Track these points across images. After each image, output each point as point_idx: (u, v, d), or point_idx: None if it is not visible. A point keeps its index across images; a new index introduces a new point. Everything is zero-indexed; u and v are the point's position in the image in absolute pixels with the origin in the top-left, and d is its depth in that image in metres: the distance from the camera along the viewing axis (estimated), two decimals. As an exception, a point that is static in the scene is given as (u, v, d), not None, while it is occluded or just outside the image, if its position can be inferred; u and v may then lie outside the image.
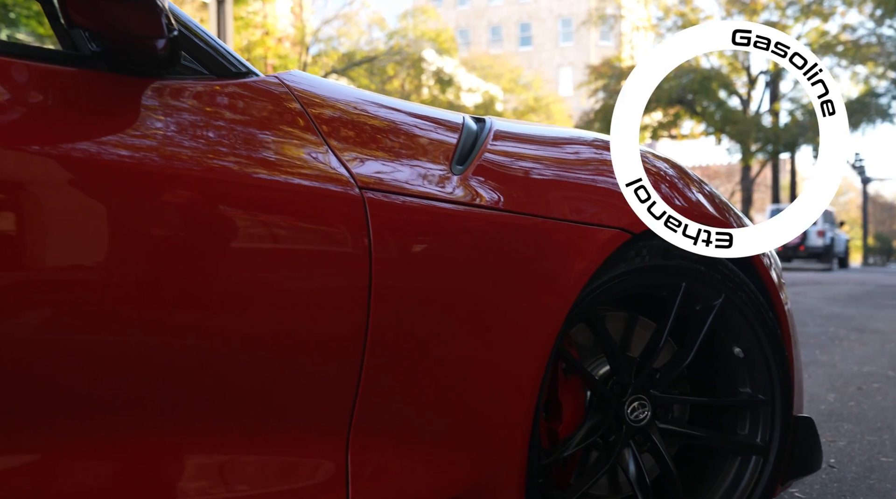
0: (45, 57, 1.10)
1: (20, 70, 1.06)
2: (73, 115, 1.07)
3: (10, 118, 1.03)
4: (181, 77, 1.18)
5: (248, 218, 1.15)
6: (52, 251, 1.02)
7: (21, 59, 1.07)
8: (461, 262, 1.31)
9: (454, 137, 1.44)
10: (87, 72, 1.10)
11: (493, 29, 48.80)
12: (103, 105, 1.10)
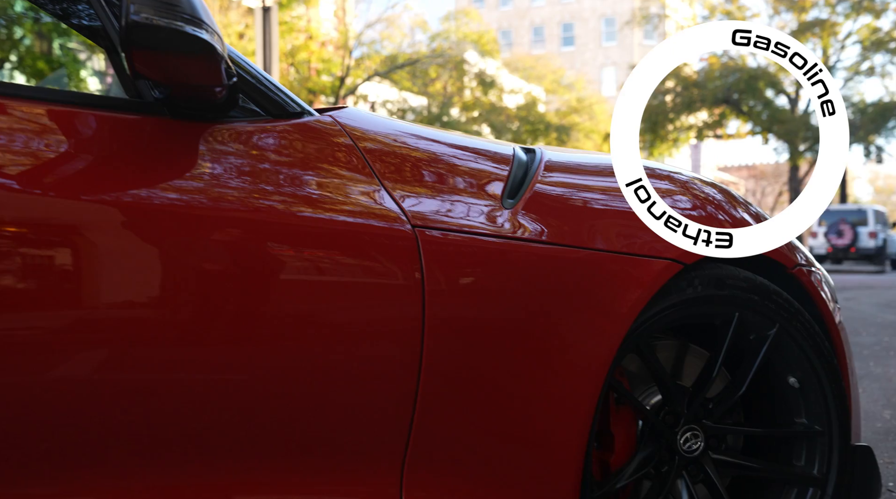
0: (110, 105, 1.14)
1: (87, 119, 1.09)
2: (138, 162, 1.10)
3: (78, 167, 1.06)
4: (239, 119, 1.20)
5: (305, 256, 1.17)
6: (117, 293, 1.05)
7: (88, 109, 1.10)
8: (512, 294, 1.32)
9: (505, 169, 1.44)
10: (150, 118, 1.13)
11: (536, 29, 48.62)
12: (166, 150, 1.13)
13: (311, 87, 21.17)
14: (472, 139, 1.56)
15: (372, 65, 22.43)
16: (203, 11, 1.06)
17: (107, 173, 1.07)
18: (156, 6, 1.02)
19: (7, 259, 0.99)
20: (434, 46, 24.53)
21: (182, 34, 1.03)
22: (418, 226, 1.24)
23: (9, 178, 1.00)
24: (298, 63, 20.78)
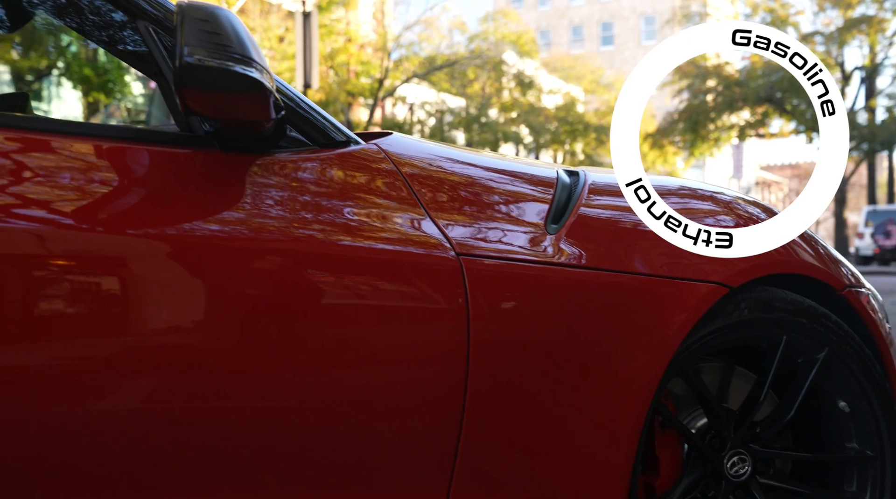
0: (162, 140, 1.16)
1: (140, 155, 1.12)
2: (189, 194, 1.13)
3: (131, 201, 1.09)
4: (286, 150, 1.22)
5: (352, 284, 1.19)
6: (167, 323, 1.07)
7: (140, 144, 1.13)
8: (556, 319, 1.32)
9: (548, 193, 1.44)
10: (200, 152, 1.16)
11: (575, 29, 48.34)
12: (216, 183, 1.15)
13: (349, 90, 21.29)
14: (516, 163, 1.56)
15: (410, 66, 22.49)
16: (253, 49, 1.08)
17: (158, 206, 1.10)
18: (208, 47, 1.04)
19: (57, 291, 1.01)
20: (472, 47, 24.52)
21: (233, 74, 1.05)
22: (463, 254, 1.25)
23: (58, 213, 1.03)
24: (337, 66, 20.91)
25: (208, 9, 1.07)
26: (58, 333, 1.00)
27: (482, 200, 1.36)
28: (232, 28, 1.07)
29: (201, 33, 1.04)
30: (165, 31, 1.18)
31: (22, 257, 0.99)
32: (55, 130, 1.11)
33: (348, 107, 22.19)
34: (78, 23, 1.31)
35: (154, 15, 1.19)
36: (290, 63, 19.19)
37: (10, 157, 1.04)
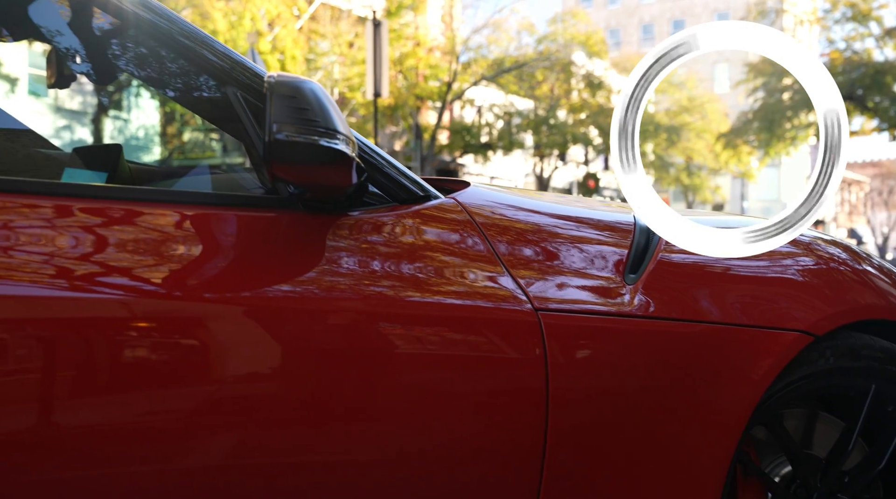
0: (247, 203, 1.21)
1: (225, 220, 1.16)
2: (275, 256, 1.16)
3: (216, 266, 1.13)
4: (367, 208, 1.25)
5: (430, 338, 1.21)
6: (251, 379, 1.11)
7: (225, 209, 1.17)
8: (635, 368, 1.32)
9: (626, 241, 1.43)
10: (285, 214, 1.19)
11: (645, 27, 47.60)
12: (300, 244, 1.18)
13: (418, 94, 21.42)
14: (594, 209, 1.56)
15: (479, 69, 22.49)
16: (338, 121, 1.11)
17: (243, 270, 1.14)
18: (296, 123, 1.08)
19: (140, 355, 1.05)
20: (541, 49, 24.38)
21: (320, 148, 1.09)
22: (540, 309, 1.26)
23: (141, 280, 1.07)
24: (406, 70, 21.06)
25: (295, 83, 1.11)
26: (142, 395, 1.05)
27: (559, 252, 1.36)
28: (317, 101, 1.11)
29: (289, 109, 1.08)
30: (253, 96, 1.22)
31: (106, 323, 1.03)
32: (142, 199, 1.16)
33: (417, 110, 22.34)
34: (166, 85, 1.36)
35: (243, 81, 1.23)
36: (360, 68, 19.42)
37: (96, 228, 1.09)
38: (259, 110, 1.21)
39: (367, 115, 20.03)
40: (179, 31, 1.21)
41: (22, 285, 1.00)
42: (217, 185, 1.40)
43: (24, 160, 1.58)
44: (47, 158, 1.64)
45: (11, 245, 1.01)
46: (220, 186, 1.39)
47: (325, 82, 20.45)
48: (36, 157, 1.63)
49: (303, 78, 1.13)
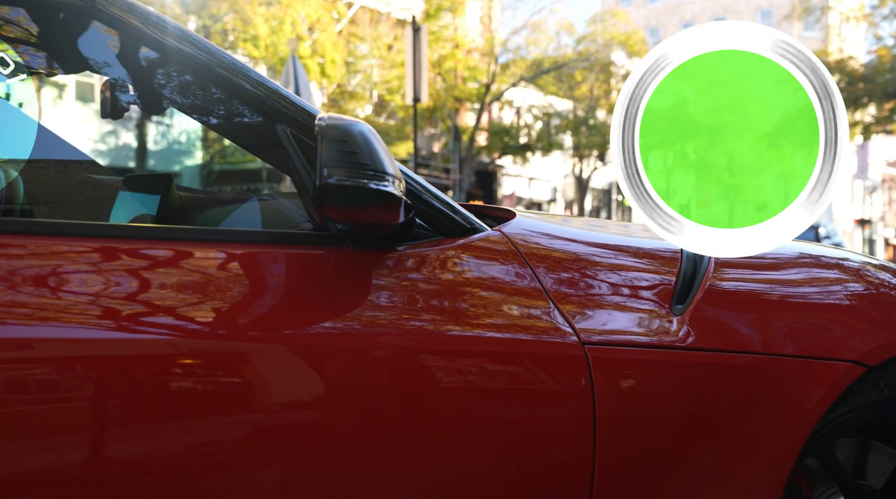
0: (296, 240, 1.23)
1: (274, 257, 1.18)
2: (323, 292, 1.18)
3: (267, 305, 1.14)
4: (414, 243, 1.26)
5: (477, 371, 1.22)
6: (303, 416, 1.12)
7: (274, 246, 1.20)
8: (684, 400, 1.31)
9: (673, 270, 1.42)
10: (333, 251, 1.21)
11: (686, 25, 46.99)
12: (348, 280, 1.20)
13: (457, 96, 21.45)
14: (641, 237, 1.54)
15: (517, 70, 22.45)
16: (387, 162, 1.13)
17: (290, 307, 1.15)
18: (346, 167, 1.09)
19: (187, 392, 1.07)
20: (580, 49, 24.24)
21: (369, 191, 1.10)
22: (587, 343, 1.25)
23: (187, 319, 1.08)
24: (445, 72, 21.10)
25: (345, 127, 1.12)
26: (188, 431, 1.07)
27: (606, 283, 1.36)
28: (366, 144, 1.12)
29: (339, 153, 1.10)
30: (302, 134, 1.24)
31: (153, 361, 1.05)
32: (193, 239, 1.19)
33: (455, 112, 22.37)
34: (216, 121, 1.38)
35: (294, 119, 1.24)
36: (399, 71, 19.50)
37: (144, 269, 1.11)
38: (306, 145, 1.23)
39: (406, 117, 20.11)
40: (232, 70, 1.25)
41: (72, 327, 1.03)
42: (267, 217, 1.42)
43: (78, 186, 1.62)
44: (100, 184, 1.68)
45: (61, 287, 1.04)
46: (270, 219, 1.41)
47: (364, 85, 20.59)
48: (89, 183, 1.67)
49: (352, 120, 1.14)
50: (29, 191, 1.44)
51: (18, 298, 1.01)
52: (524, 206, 30.48)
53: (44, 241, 1.08)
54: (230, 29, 15.01)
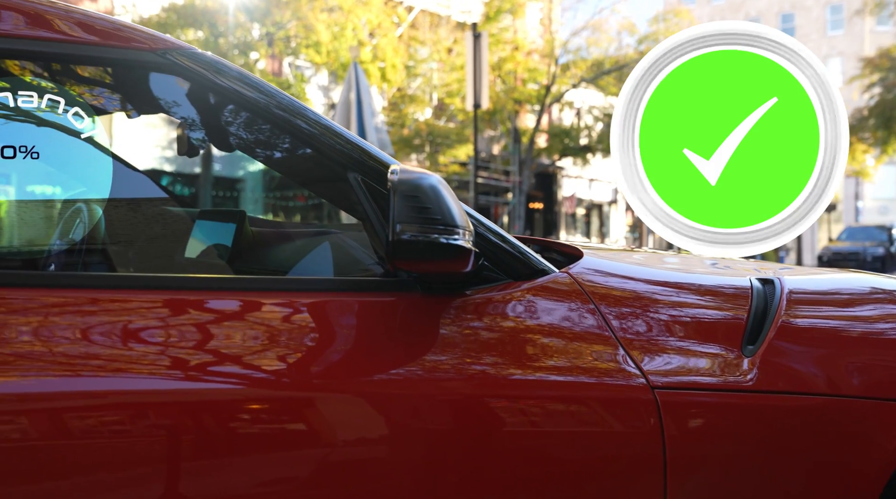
0: (365, 288, 1.26)
1: (346, 306, 1.21)
2: (392, 339, 1.20)
3: (336, 353, 1.18)
4: (482, 287, 1.28)
5: (548, 414, 1.22)
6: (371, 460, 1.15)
7: (343, 294, 1.23)
8: (758, 442, 1.30)
9: (743, 309, 1.40)
10: (403, 298, 1.23)
11: (751, 22, 45.97)
12: (416, 327, 1.22)
13: (516, 98, 21.39)
14: (710, 274, 1.53)
15: (578, 71, 22.26)
16: (457, 214, 1.15)
17: (360, 354, 1.18)
18: (418, 222, 1.12)
19: (253, 438, 1.10)
20: (642, 49, 23.92)
21: (441, 245, 1.13)
22: (657, 387, 1.25)
23: (253, 368, 1.12)
24: (504, 74, 21.07)
25: (415, 182, 1.15)
26: (256, 478, 1.10)
27: (676, 324, 1.35)
28: (437, 198, 1.15)
29: (411, 209, 1.13)
30: (374, 181, 1.27)
31: (221, 408, 1.09)
32: (261, 288, 1.22)
33: (515, 114, 22.31)
34: (287, 168, 1.41)
35: (365, 167, 1.28)
36: (459, 74, 19.54)
37: (207, 323, 1.15)
38: (376, 192, 1.26)
39: (466, 120, 20.13)
40: (302, 117, 1.29)
41: (147, 378, 1.07)
42: (338, 257, 1.45)
43: (155, 221, 1.68)
44: (175, 218, 1.74)
45: (135, 339, 1.09)
46: (340, 259, 1.44)
47: (423, 88, 20.69)
48: (165, 216, 1.73)
49: (422, 173, 1.17)
50: (110, 228, 1.50)
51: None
52: (584, 207, 30.23)
53: (120, 294, 1.13)
54: (293, 35, 15.24)
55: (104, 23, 1.25)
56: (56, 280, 1.17)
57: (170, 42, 1.27)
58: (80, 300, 1.10)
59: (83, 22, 1.22)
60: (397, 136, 19.21)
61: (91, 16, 1.24)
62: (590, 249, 1.68)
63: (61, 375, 1.04)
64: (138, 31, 1.27)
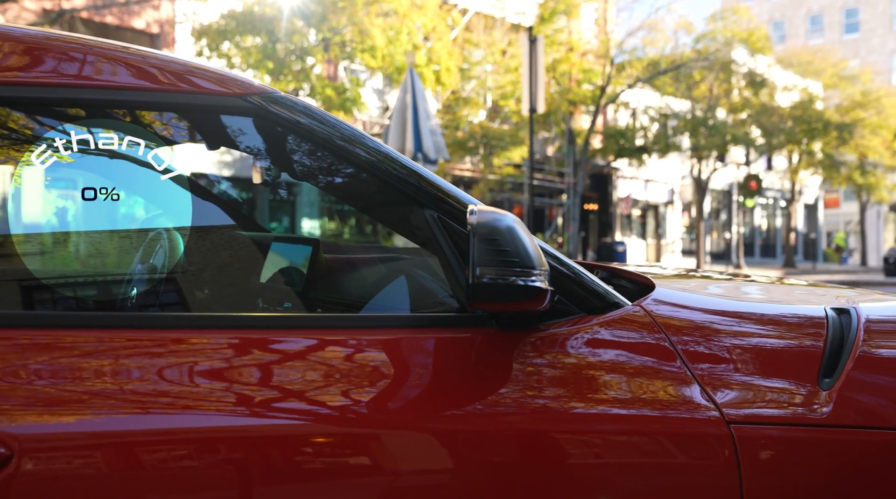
0: (441, 324, 1.28)
1: (421, 343, 1.23)
2: (465, 377, 1.22)
3: (410, 390, 1.19)
4: (556, 322, 1.29)
5: (620, 448, 1.22)
6: None
7: (420, 332, 1.25)
8: (834, 477, 1.28)
9: (819, 340, 1.38)
10: (478, 334, 1.25)
11: (813, 18, 44.82)
12: (491, 362, 1.24)
13: (571, 99, 21.27)
14: (784, 304, 1.51)
15: (633, 72, 22.03)
16: (534, 255, 1.17)
17: (434, 390, 1.20)
18: (497, 266, 1.14)
19: (322, 476, 1.12)
20: (699, 48, 23.56)
21: (520, 288, 1.15)
22: (732, 422, 1.24)
23: (318, 404, 1.13)
24: (559, 76, 20.96)
25: (493, 225, 1.17)
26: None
27: (750, 357, 1.34)
28: (515, 241, 1.17)
29: (490, 252, 1.15)
30: (450, 218, 1.29)
31: (284, 441, 1.11)
32: (337, 326, 1.25)
33: (569, 116, 22.18)
34: (362, 203, 1.43)
35: (443, 206, 1.30)
36: (513, 76, 19.51)
37: (271, 364, 1.17)
38: (452, 229, 1.29)
39: (520, 122, 20.10)
40: (389, 160, 1.32)
41: (219, 415, 1.10)
42: (414, 293, 1.47)
43: (230, 246, 1.73)
44: (250, 243, 1.79)
45: (206, 377, 1.12)
46: (416, 296, 1.47)
47: (478, 90, 20.70)
48: (239, 242, 1.78)
49: (500, 215, 1.19)
50: (188, 254, 1.55)
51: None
52: (640, 208, 29.88)
53: (194, 334, 1.16)
54: (348, 40, 15.40)
55: (200, 71, 1.31)
56: (128, 321, 1.20)
57: (255, 87, 1.32)
58: (158, 341, 1.13)
59: (178, 72, 1.28)
60: (451, 138, 19.26)
61: (188, 66, 1.30)
62: (660, 277, 1.67)
63: (132, 412, 1.07)
64: (228, 78, 1.32)
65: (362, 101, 15.89)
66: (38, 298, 1.39)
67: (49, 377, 1.07)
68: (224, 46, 15.02)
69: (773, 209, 37.02)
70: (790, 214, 31.41)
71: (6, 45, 1.22)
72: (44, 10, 15.13)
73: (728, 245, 31.83)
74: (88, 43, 1.28)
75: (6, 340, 1.08)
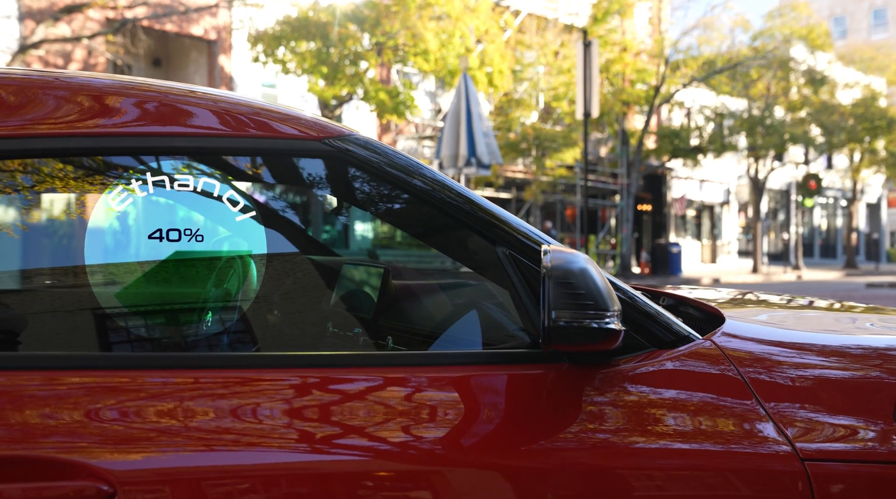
0: (514, 360, 1.30)
1: (493, 380, 1.25)
2: (535, 413, 1.24)
3: (490, 424, 1.21)
4: (627, 356, 1.30)
5: (695, 485, 1.23)
6: None
7: (492, 368, 1.27)
8: None
9: (893, 374, 1.37)
10: (550, 370, 1.27)
11: (877, 12, 43.56)
12: (563, 398, 1.26)
13: (624, 99, 21.05)
14: (857, 335, 1.50)
15: (688, 71, 21.70)
16: (608, 298, 1.18)
17: (510, 426, 1.21)
18: (571, 308, 1.16)
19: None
20: (756, 45, 23.10)
21: (594, 330, 1.17)
22: (806, 459, 1.24)
23: (379, 440, 1.16)
24: (612, 76, 20.77)
25: (569, 266, 1.19)
26: None
27: (823, 392, 1.33)
28: (588, 283, 1.19)
29: (565, 295, 1.17)
30: (520, 254, 1.31)
31: (350, 478, 1.13)
32: (408, 364, 1.27)
33: (623, 116, 21.96)
34: (436, 240, 1.45)
35: (516, 244, 1.32)
36: (566, 77, 19.41)
37: (330, 403, 1.19)
38: (524, 266, 1.31)
39: (573, 123, 19.97)
40: (468, 202, 1.35)
41: (282, 452, 1.12)
42: (486, 326, 1.49)
43: (301, 271, 1.77)
44: (319, 269, 1.83)
45: (279, 415, 1.15)
46: (488, 329, 1.49)
47: (530, 92, 20.64)
48: (310, 267, 1.82)
49: (573, 256, 1.20)
50: (261, 283, 1.59)
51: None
52: (695, 208, 29.44)
53: (264, 373, 1.19)
54: (401, 44, 15.51)
55: (283, 117, 1.35)
56: (192, 361, 1.23)
57: (334, 131, 1.36)
58: (225, 381, 1.17)
59: (263, 122, 1.32)
60: (504, 140, 19.24)
61: (271, 112, 1.34)
62: (728, 306, 1.66)
63: (197, 450, 1.10)
64: (308, 123, 1.36)
65: (415, 105, 15.96)
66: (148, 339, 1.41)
67: (140, 417, 1.11)
68: (279, 52, 15.25)
69: (833, 209, 36.12)
70: (851, 213, 30.61)
71: (84, 96, 1.25)
72: (107, 19, 15.56)
73: (786, 246, 31.17)
74: (173, 91, 1.33)
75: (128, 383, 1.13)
